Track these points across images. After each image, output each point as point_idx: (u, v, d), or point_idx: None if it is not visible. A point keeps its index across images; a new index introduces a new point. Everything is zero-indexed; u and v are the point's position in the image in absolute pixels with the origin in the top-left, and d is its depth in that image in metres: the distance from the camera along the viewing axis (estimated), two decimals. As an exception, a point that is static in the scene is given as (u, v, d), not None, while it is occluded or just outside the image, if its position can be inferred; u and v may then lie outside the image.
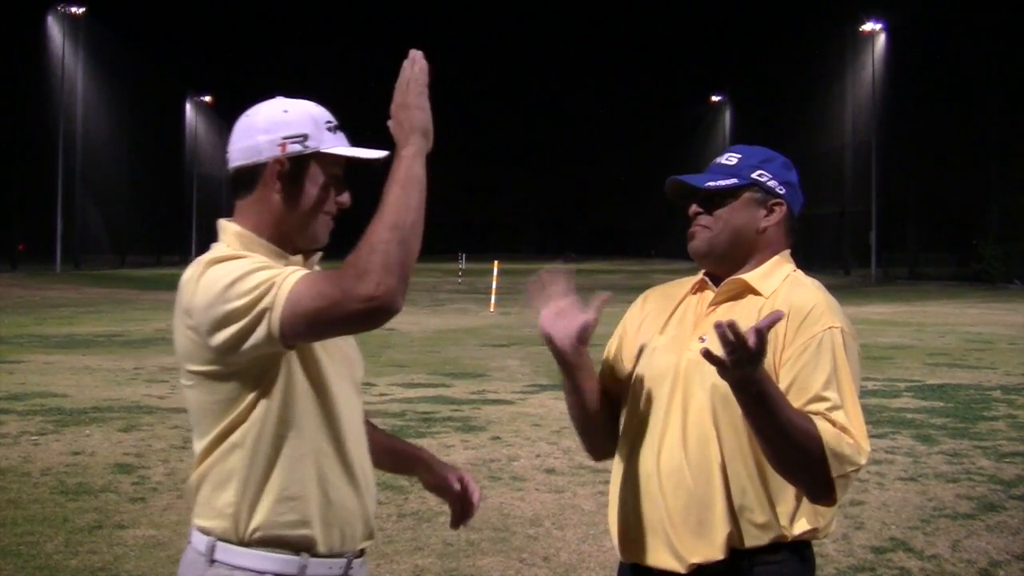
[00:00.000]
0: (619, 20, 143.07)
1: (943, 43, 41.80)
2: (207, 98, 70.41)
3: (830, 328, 2.20)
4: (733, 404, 2.15)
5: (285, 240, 2.15)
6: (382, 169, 2.07)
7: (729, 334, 1.96)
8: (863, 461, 2.13)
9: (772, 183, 2.36)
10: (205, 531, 2.08)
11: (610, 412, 2.47)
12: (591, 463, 7.68)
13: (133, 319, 22.30)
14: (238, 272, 1.99)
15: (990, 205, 42.57)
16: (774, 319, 2.03)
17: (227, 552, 2.05)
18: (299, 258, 2.16)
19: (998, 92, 41.37)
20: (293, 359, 2.05)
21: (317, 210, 2.14)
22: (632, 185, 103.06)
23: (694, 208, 2.37)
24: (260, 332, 1.95)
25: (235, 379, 2.04)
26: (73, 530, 5.91)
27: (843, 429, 2.13)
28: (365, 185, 2.36)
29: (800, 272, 2.37)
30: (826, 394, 2.15)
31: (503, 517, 6.27)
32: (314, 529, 2.06)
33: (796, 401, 2.15)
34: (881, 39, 48.60)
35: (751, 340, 1.96)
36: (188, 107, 69.09)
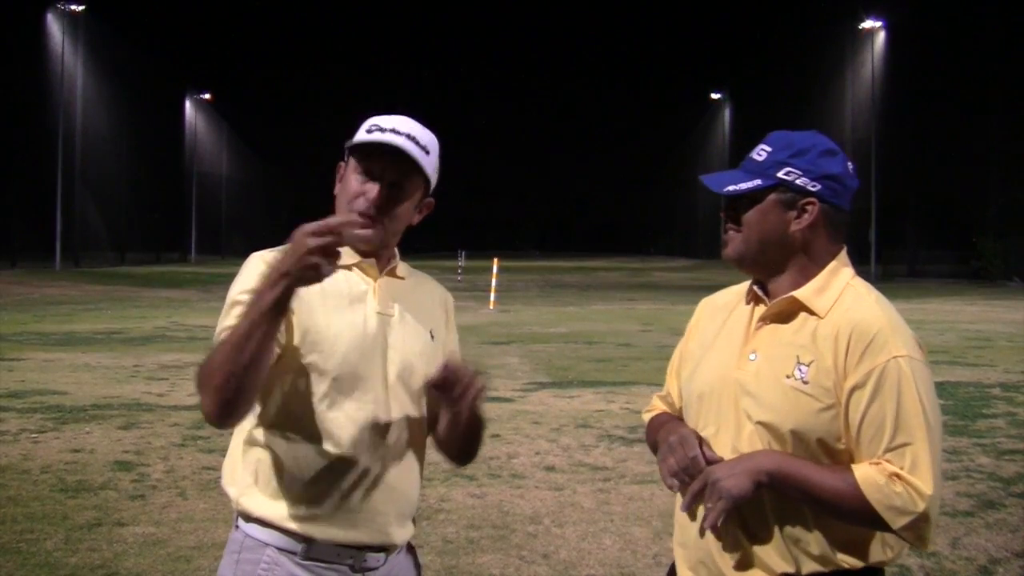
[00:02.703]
0: (619, 19, 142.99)
1: (943, 41, 41.80)
2: (207, 96, 70.39)
3: (895, 358, 2.03)
4: (777, 431, 2.08)
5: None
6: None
7: None
8: (921, 508, 1.97)
9: (802, 180, 2.15)
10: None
11: None
12: (590, 461, 7.69)
13: (133, 317, 22.29)
14: (232, 292, 2.22)
15: (989, 203, 42.60)
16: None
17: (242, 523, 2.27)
18: (371, 261, 2.29)
19: (998, 90, 41.38)
20: (284, 371, 2.19)
21: (341, 203, 2.26)
22: (632, 183, 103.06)
23: (722, 213, 2.22)
24: None
25: None
26: (73, 527, 5.91)
27: (895, 476, 1.99)
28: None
29: (860, 281, 2.20)
30: (886, 428, 2.02)
31: (503, 515, 6.27)
32: (305, 524, 2.18)
33: (867, 445, 2.03)
34: (880, 37, 48.62)
35: None
36: (188, 105, 69.09)
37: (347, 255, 2.25)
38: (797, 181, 2.15)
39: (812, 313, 2.13)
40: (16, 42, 45.67)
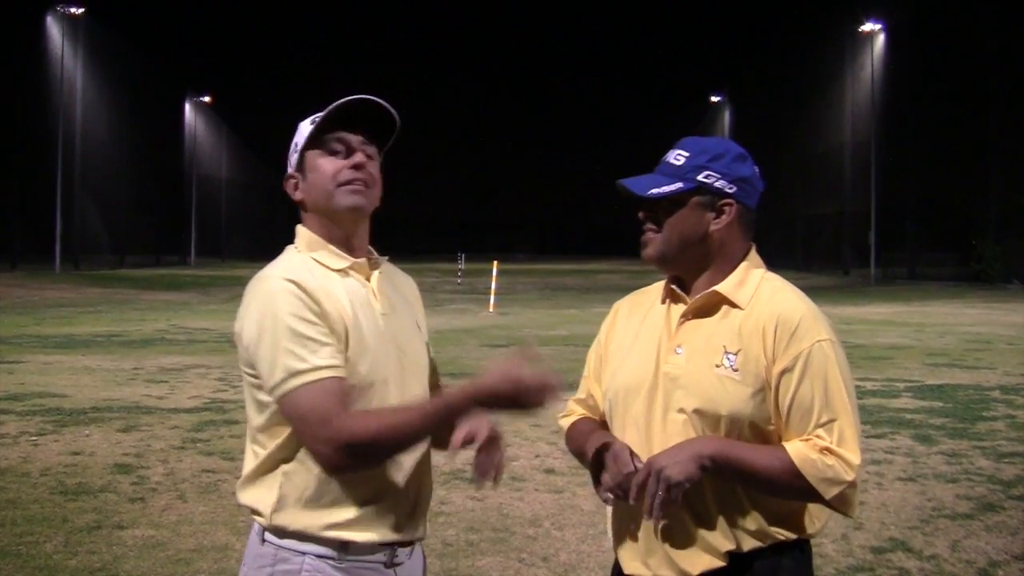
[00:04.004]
0: (619, 20, 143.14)
1: (943, 43, 41.80)
2: (207, 98, 70.37)
3: (818, 342, 2.19)
4: (711, 418, 2.19)
5: (336, 238, 2.30)
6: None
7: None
8: (851, 477, 2.13)
9: (720, 183, 2.27)
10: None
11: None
12: (590, 463, 7.69)
13: (132, 319, 22.28)
14: (287, 320, 2.15)
15: (989, 205, 42.58)
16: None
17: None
18: (363, 261, 2.31)
19: (997, 92, 41.38)
20: None
21: (328, 187, 2.27)
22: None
23: (642, 214, 2.31)
24: (263, 391, 2.19)
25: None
26: (72, 530, 5.91)
27: (826, 450, 2.13)
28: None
29: (772, 275, 2.32)
30: (814, 406, 2.16)
31: (502, 517, 6.27)
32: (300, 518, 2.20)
33: (797, 424, 2.17)
34: (880, 39, 48.61)
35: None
36: (187, 107, 69.06)
37: (339, 258, 2.28)
38: (716, 184, 2.27)
39: (734, 305, 2.26)
40: (16, 45, 45.66)
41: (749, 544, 2.20)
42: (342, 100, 2.26)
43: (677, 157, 2.30)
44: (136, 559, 5.43)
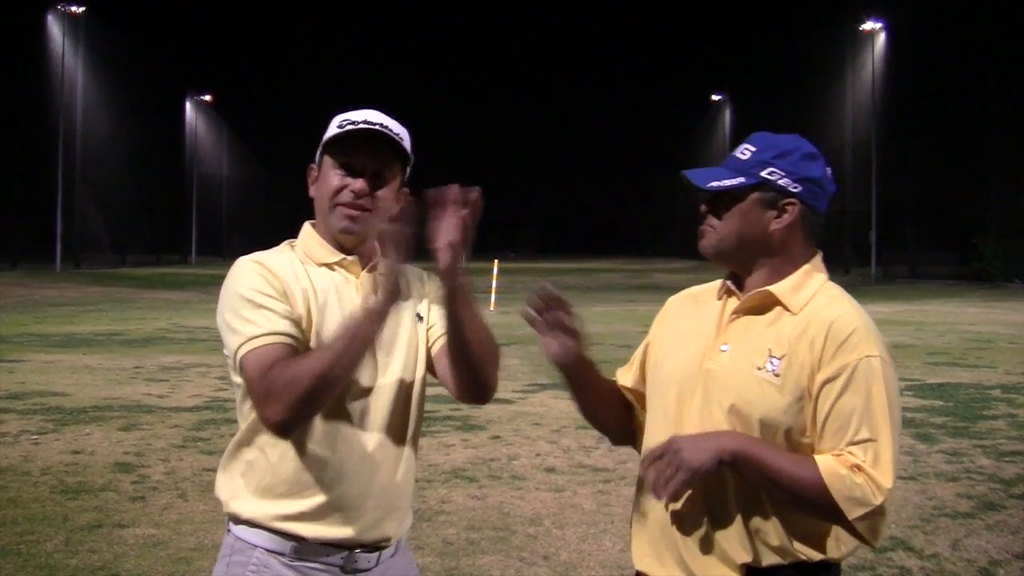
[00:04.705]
0: (619, 19, 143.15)
1: (943, 42, 41.76)
2: (207, 97, 70.34)
3: (867, 357, 2.08)
4: (745, 419, 2.11)
5: (333, 239, 2.32)
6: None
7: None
8: (878, 500, 2.02)
9: (784, 181, 2.19)
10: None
11: (625, 407, 2.43)
12: (591, 462, 7.69)
13: (133, 318, 22.29)
14: (246, 293, 2.21)
15: (990, 204, 42.54)
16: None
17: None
18: (353, 259, 2.31)
19: (998, 91, 41.35)
20: None
21: (329, 202, 2.29)
22: (632, 184, 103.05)
23: (703, 207, 2.25)
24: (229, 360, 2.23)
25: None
26: (73, 529, 5.91)
27: (857, 467, 2.03)
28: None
29: (833, 284, 2.24)
30: (852, 422, 2.06)
31: (503, 516, 6.27)
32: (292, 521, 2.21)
33: (832, 437, 2.07)
34: (881, 38, 48.59)
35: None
36: (188, 106, 69.03)
37: (329, 253, 2.29)
38: (779, 181, 2.19)
39: (786, 309, 2.18)
40: (16, 43, 45.68)
41: (768, 559, 2.11)
42: (356, 125, 2.25)
43: (744, 151, 2.23)
44: (137, 558, 5.44)
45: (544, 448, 8.25)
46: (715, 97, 73.51)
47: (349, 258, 2.31)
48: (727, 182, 2.20)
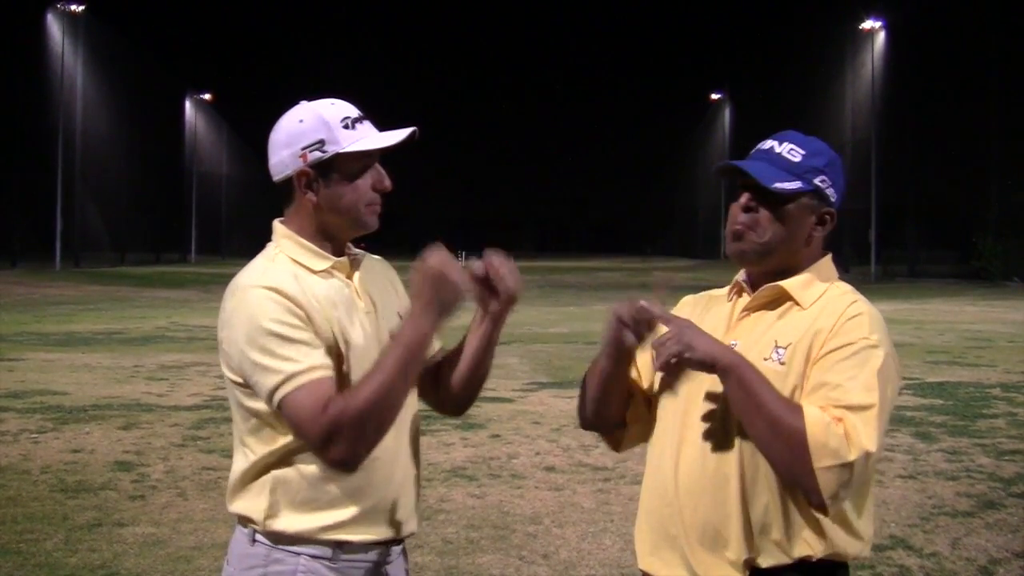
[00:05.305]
0: (619, 19, 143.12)
1: (943, 41, 41.76)
2: (207, 96, 70.35)
3: (873, 346, 2.08)
4: None
5: (328, 238, 2.27)
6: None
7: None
8: (851, 457, 1.95)
9: (830, 191, 2.19)
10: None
11: (627, 398, 2.39)
12: (590, 461, 7.69)
13: (132, 317, 22.29)
14: (274, 327, 2.12)
15: (989, 203, 42.56)
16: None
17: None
18: (344, 260, 2.27)
19: (998, 91, 41.36)
20: None
21: (357, 204, 2.24)
22: (631, 183, 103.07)
23: (746, 201, 2.18)
24: (252, 399, 2.18)
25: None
26: (73, 528, 5.91)
27: (840, 420, 1.98)
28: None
29: (844, 283, 2.23)
30: (844, 384, 2.03)
31: (503, 515, 6.27)
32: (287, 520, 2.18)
33: (822, 399, 2.04)
34: (881, 37, 48.60)
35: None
36: (188, 105, 69.04)
37: (322, 259, 2.24)
38: (827, 191, 2.19)
39: (796, 304, 2.18)
40: (16, 42, 45.64)
41: (772, 559, 2.10)
42: (359, 121, 2.23)
43: (792, 152, 2.18)
44: (136, 557, 5.44)
45: (544, 447, 8.25)
46: (715, 96, 73.55)
47: (341, 260, 2.27)
48: (788, 185, 2.15)
